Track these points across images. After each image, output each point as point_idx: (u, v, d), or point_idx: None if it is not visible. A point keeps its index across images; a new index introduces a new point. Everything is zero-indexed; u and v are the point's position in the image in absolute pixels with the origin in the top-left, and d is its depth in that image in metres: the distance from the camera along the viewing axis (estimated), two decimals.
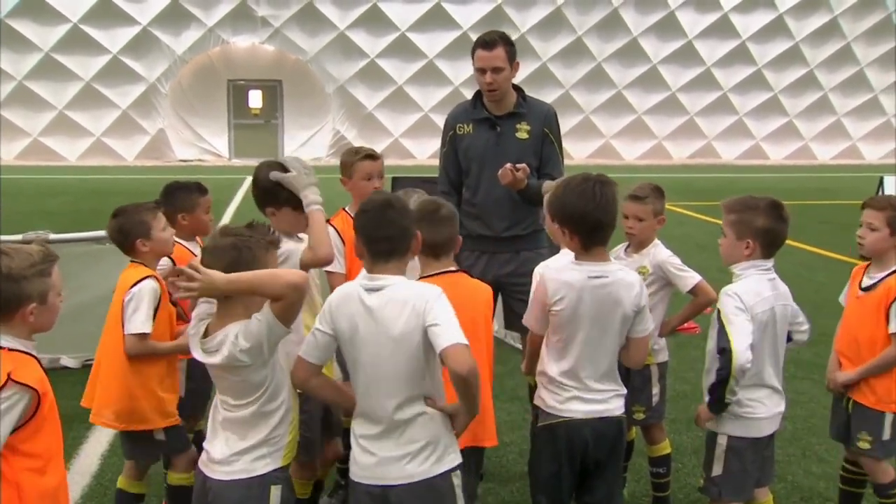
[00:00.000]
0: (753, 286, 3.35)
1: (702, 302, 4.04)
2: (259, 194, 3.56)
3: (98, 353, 3.86)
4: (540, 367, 3.30)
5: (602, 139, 28.17)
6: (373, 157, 4.26)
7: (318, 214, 3.44)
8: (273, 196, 3.50)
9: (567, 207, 3.16)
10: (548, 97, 4.68)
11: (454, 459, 2.85)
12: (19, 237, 5.56)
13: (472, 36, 24.73)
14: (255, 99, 27.11)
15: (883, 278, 3.71)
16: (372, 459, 2.80)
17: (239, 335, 2.71)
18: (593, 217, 3.11)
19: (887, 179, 11.31)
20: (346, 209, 4.23)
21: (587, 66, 27.14)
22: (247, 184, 19.23)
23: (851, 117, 29.17)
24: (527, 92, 4.74)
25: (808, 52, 27.99)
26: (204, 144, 26.72)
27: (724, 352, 3.21)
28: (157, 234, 3.78)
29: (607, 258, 3.23)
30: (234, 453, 2.80)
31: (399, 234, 2.86)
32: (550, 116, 4.72)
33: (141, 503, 3.94)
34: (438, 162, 4.89)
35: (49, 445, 2.63)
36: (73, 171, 22.83)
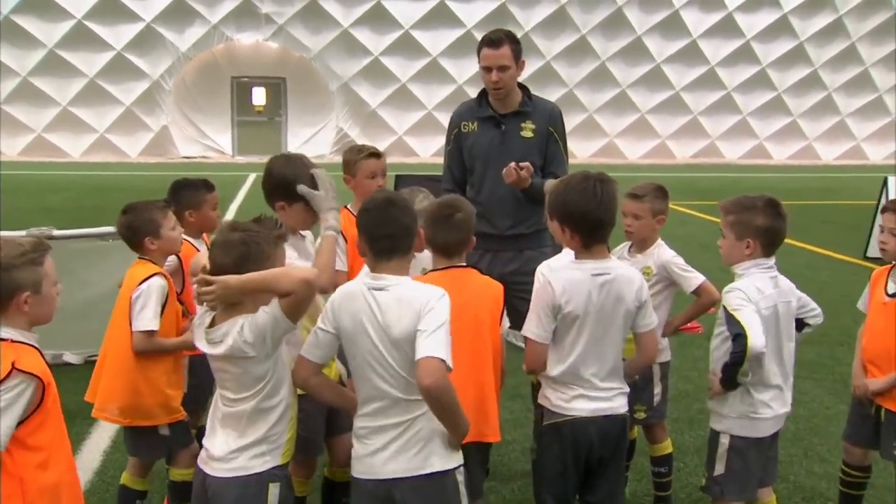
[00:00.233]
0: (755, 283, 3.35)
1: (705, 302, 4.03)
2: (271, 188, 3.48)
3: (103, 349, 3.87)
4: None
5: (605, 138, 28.14)
6: (376, 155, 4.26)
7: (332, 241, 3.37)
8: (287, 191, 3.42)
9: (568, 206, 3.16)
10: (551, 96, 4.69)
11: (457, 458, 2.86)
12: (22, 233, 5.56)
13: (476, 34, 24.84)
14: (259, 96, 27.11)
15: None
16: (375, 456, 2.81)
17: (245, 326, 2.72)
18: (594, 215, 3.11)
19: (892, 180, 11.26)
20: (349, 207, 4.23)
21: (591, 64, 27.11)
22: (250, 181, 19.24)
23: (855, 117, 29.11)
24: (530, 90, 4.74)
25: (813, 52, 27.94)
26: (207, 141, 26.73)
27: (739, 337, 3.18)
28: (166, 232, 3.80)
29: (608, 255, 3.23)
30: (232, 450, 2.80)
31: (400, 232, 2.86)
32: (555, 115, 4.72)
33: (144, 500, 3.94)
34: (443, 160, 4.90)
35: (52, 439, 2.63)
36: (76, 167, 22.84)
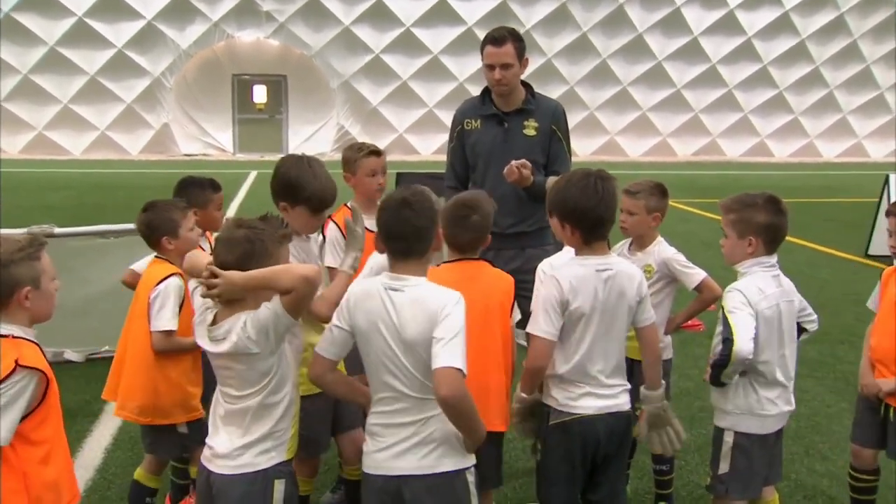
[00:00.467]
0: (757, 283, 3.34)
1: (707, 298, 4.03)
2: (278, 188, 3.46)
3: (120, 348, 3.91)
4: (549, 368, 3.25)
5: (607, 136, 28.14)
6: (377, 153, 4.25)
7: (346, 279, 3.30)
8: (293, 193, 3.40)
9: (568, 203, 3.16)
10: (552, 93, 4.69)
11: (469, 459, 2.85)
12: (23, 231, 5.56)
13: (477, 32, 24.86)
14: (260, 94, 27.10)
15: None
16: (386, 452, 2.80)
17: (248, 322, 2.73)
18: (595, 212, 3.12)
19: (893, 177, 11.24)
20: (349, 205, 4.22)
21: (592, 62, 27.10)
22: (251, 178, 19.24)
23: (857, 115, 29.10)
24: (534, 88, 4.73)
25: (814, 49, 27.92)
26: (208, 139, 26.74)
27: (727, 341, 3.22)
28: (185, 233, 3.83)
29: (607, 251, 3.24)
30: (237, 447, 2.80)
31: (414, 233, 2.84)
32: (558, 113, 4.71)
33: (153, 497, 3.97)
34: (446, 157, 4.89)
35: (53, 434, 2.66)
36: (77, 164, 22.85)
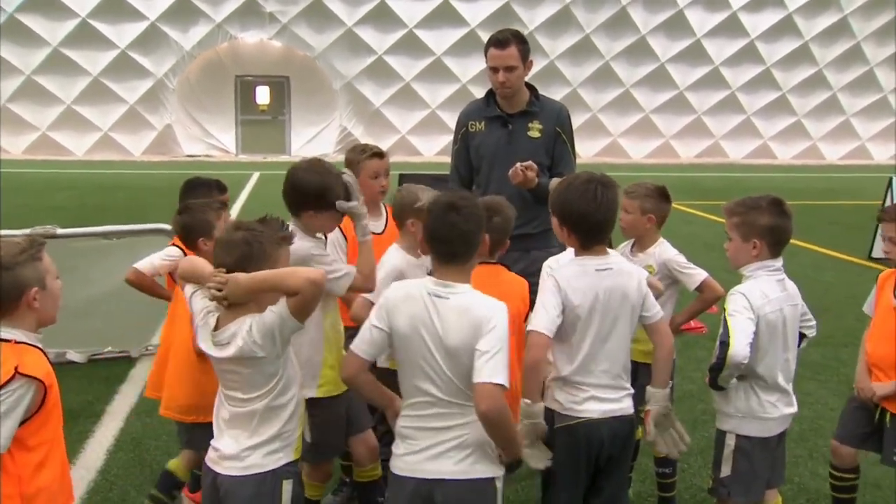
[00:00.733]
0: (761, 287, 3.34)
1: (709, 298, 4.03)
2: (300, 198, 3.47)
3: (162, 347, 3.97)
4: (553, 371, 3.24)
5: (609, 138, 28.11)
6: (379, 155, 4.25)
7: (370, 246, 3.48)
8: (323, 198, 3.43)
9: (567, 207, 3.17)
10: (555, 95, 4.71)
11: (500, 467, 2.86)
12: (27, 232, 5.56)
13: (480, 33, 24.85)
14: (263, 95, 27.12)
15: None
16: (419, 455, 2.80)
17: (253, 327, 2.72)
18: (593, 218, 3.13)
19: None
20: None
21: (595, 64, 27.09)
22: (254, 180, 19.25)
23: (860, 117, 29.06)
24: (538, 90, 4.73)
25: (817, 52, 27.89)
26: (211, 140, 26.75)
27: (723, 345, 3.23)
28: (219, 233, 3.83)
29: (606, 252, 3.23)
30: (245, 448, 2.80)
31: (461, 238, 2.83)
32: (563, 115, 4.72)
33: (180, 491, 4.00)
34: (450, 159, 4.90)
35: (50, 438, 2.65)
36: (80, 165, 22.87)
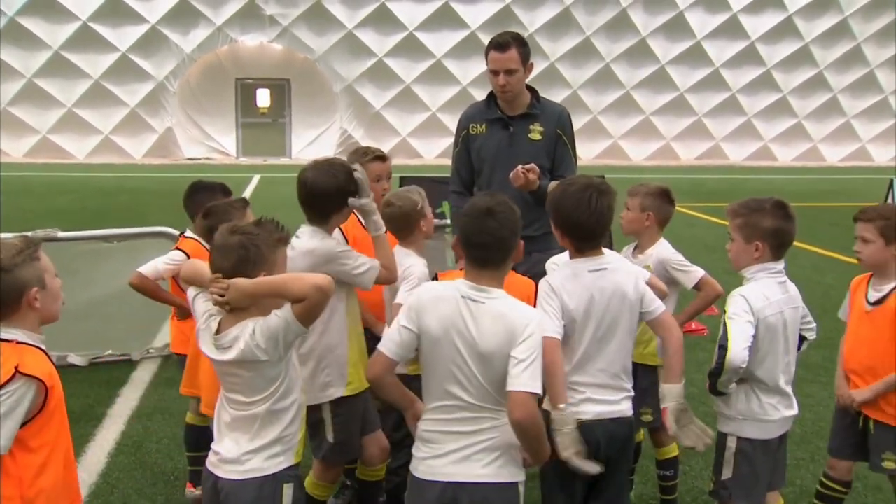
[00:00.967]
0: (762, 289, 3.33)
1: (709, 295, 4.02)
2: (325, 200, 3.51)
3: (193, 346, 3.95)
4: None
5: (610, 139, 28.12)
6: (381, 158, 4.26)
7: (386, 238, 3.59)
8: (342, 198, 3.51)
9: (562, 212, 3.19)
10: (556, 97, 4.71)
11: (523, 472, 2.86)
12: (28, 234, 5.56)
13: (481, 35, 24.86)
14: (263, 97, 27.15)
15: (892, 290, 3.64)
16: (444, 458, 2.79)
17: (256, 330, 2.71)
18: (587, 225, 3.15)
19: None
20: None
21: (595, 66, 27.10)
22: (254, 182, 19.25)
23: (861, 119, 29.06)
24: (539, 92, 4.73)
25: (818, 54, 27.90)
26: (212, 143, 26.78)
27: (722, 349, 3.23)
28: None
29: (601, 253, 3.24)
30: (246, 452, 2.80)
31: (496, 244, 2.82)
32: (564, 118, 4.72)
33: None
34: (451, 162, 4.89)
35: (54, 440, 2.64)
36: (81, 168, 22.90)
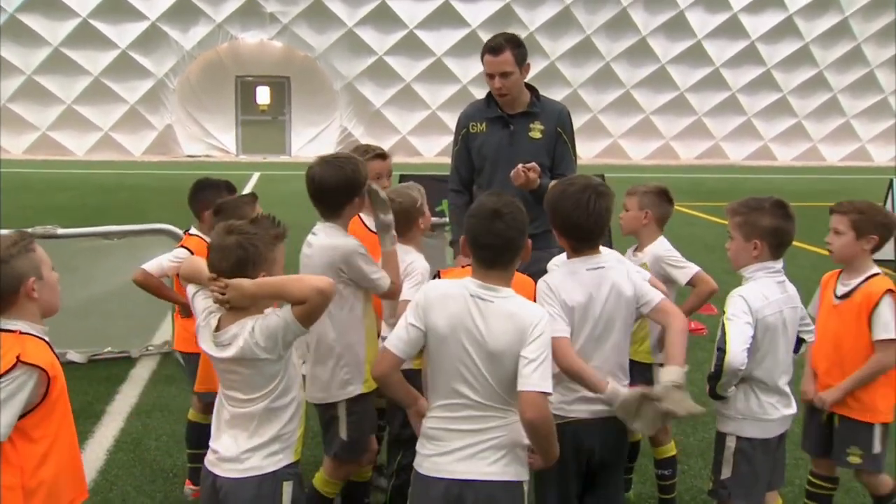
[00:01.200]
0: (761, 289, 3.33)
1: (703, 291, 4.02)
2: (336, 194, 3.54)
3: None
4: None
5: (610, 139, 28.12)
6: (382, 156, 4.26)
7: (396, 254, 3.63)
8: (350, 192, 3.54)
9: (559, 212, 3.20)
10: (556, 96, 4.70)
11: (527, 472, 2.87)
12: (27, 231, 5.56)
13: (481, 34, 24.85)
14: (263, 95, 27.14)
15: (859, 285, 3.66)
16: (450, 456, 2.79)
17: (256, 328, 2.71)
18: (584, 227, 3.15)
19: None
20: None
21: (595, 65, 27.10)
22: (254, 180, 19.24)
23: (861, 119, 29.07)
24: (538, 91, 4.73)
25: (818, 53, 27.90)
26: (211, 140, 26.77)
27: (720, 351, 3.23)
28: None
29: (598, 252, 3.24)
30: (244, 450, 2.79)
31: (503, 245, 2.82)
32: (564, 116, 4.72)
33: None
34: (451, 160, 4.89)
35: (56, 430, 2.67)
36: (80, 165, 22.89)
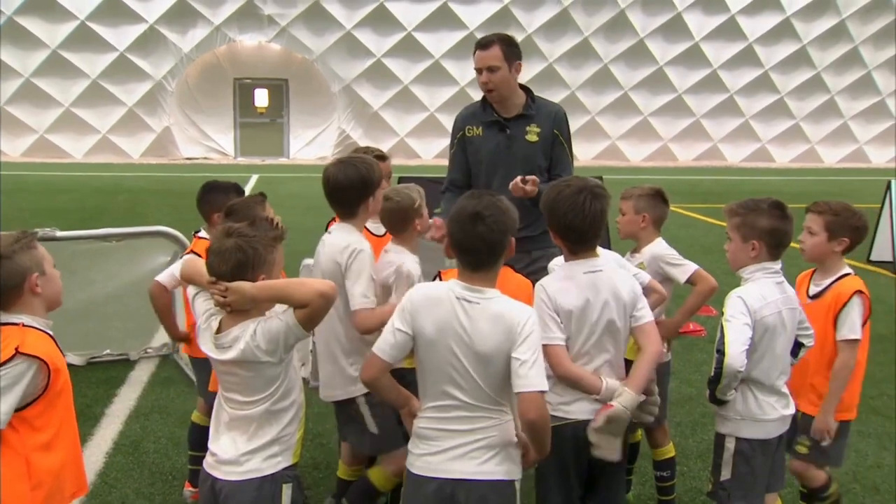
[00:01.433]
0: (760, 290, 3.34)
1: (703, 289, 4.01)
2: (355, 192, 3.56)
3: None
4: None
5: (608, 140, 28.13)
6: (382, 157, 4.26)
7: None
8: (365, 190, 3.56)
9: (555, 214, 3.20)
10: (554, 98, 4.68)
11: (520, 471, 2.88)
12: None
13: (479, 36, 24.63)
14: (262, 97, 27.12)
15: (830, 284, 3.69)
16: (442, 455, 2.80)
17: (257, 331, 2.71)
18: (580, 229, 3.16)
19: (895, 183, 11.20)
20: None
21: (593, 67, 27.11)
22: (252, 182, 19.23)
23: (858, 120, 29.10)
24: (534, 92, 4.73)
25: (816, 55, 27.93)
26: (210, 143, 26.75)
27: (720, 353, 3.23)
28: None
29: (595, 255, 3.25)
30: (244, 453, 2.79)
31: (487, 248, 2.82)
32: (560, 117, 4.71)
33: None
34: (448, 163, 4.89)
35: (60, 422, 2.72)
36: (79, 168, 22.87)
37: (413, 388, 2.99)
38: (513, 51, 4.55)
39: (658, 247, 4.12)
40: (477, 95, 4.79)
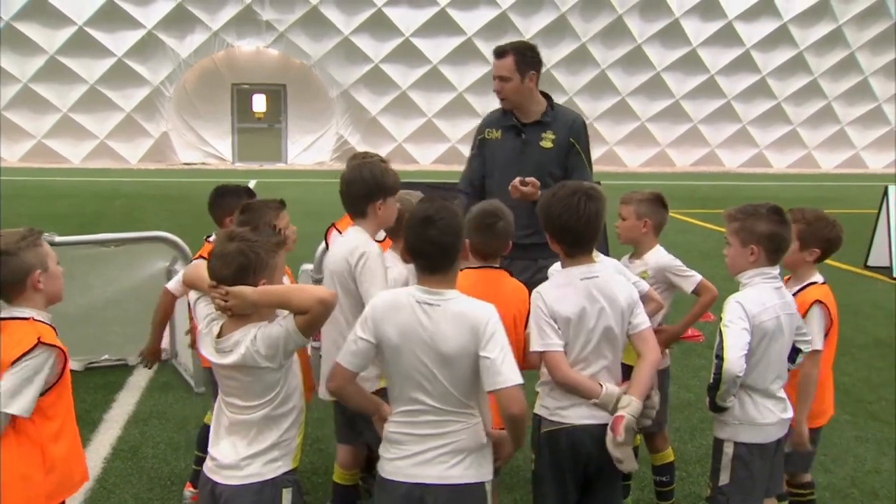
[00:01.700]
0: (758, 295, 3.34)
1: (707, 300, 4.04)
2: (368, 191, 3.58)
3: None
4: (542, 376, 3.28)
5: (605, 146, 28.12)
6: (381, 162, 4.26)
7: None
8: (382, 190, 3.58)
9: (550, 216, 3.21)
10: None
11: (490, 472, 2.88)
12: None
13: (477, 42, 24.94)
14: (259, 103, 27.12)
15: (796, 293, 3.68)
16: (410, 460, 2.80)
17: (258, 337, 2.72)
18: (575, 230, 3.17)
19: (892, 189, 11.22)
20: None
21: (591, 72, 27.15)
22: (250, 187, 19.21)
23: (855, 126, 29.16)
24: (553, 100, 4.78)
25: (813, 61, 28.00)
26: (207, 148, 26.74)
27: (718, 359, 3.24)
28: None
29: (592, 260, 3.25)
30: (244, 457, 2.79)
31: (439, 251, 2.83)
32: (577, 126, 4.76)
33: None
34: (465, 164, 4.98)
35: (66, 411, 2.87)
36: (77, 173, 22.86)
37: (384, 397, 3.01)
38: (526, 61, 4.62)
39: (663, 257, 4.12)
40: (475, 101, 4.84)
